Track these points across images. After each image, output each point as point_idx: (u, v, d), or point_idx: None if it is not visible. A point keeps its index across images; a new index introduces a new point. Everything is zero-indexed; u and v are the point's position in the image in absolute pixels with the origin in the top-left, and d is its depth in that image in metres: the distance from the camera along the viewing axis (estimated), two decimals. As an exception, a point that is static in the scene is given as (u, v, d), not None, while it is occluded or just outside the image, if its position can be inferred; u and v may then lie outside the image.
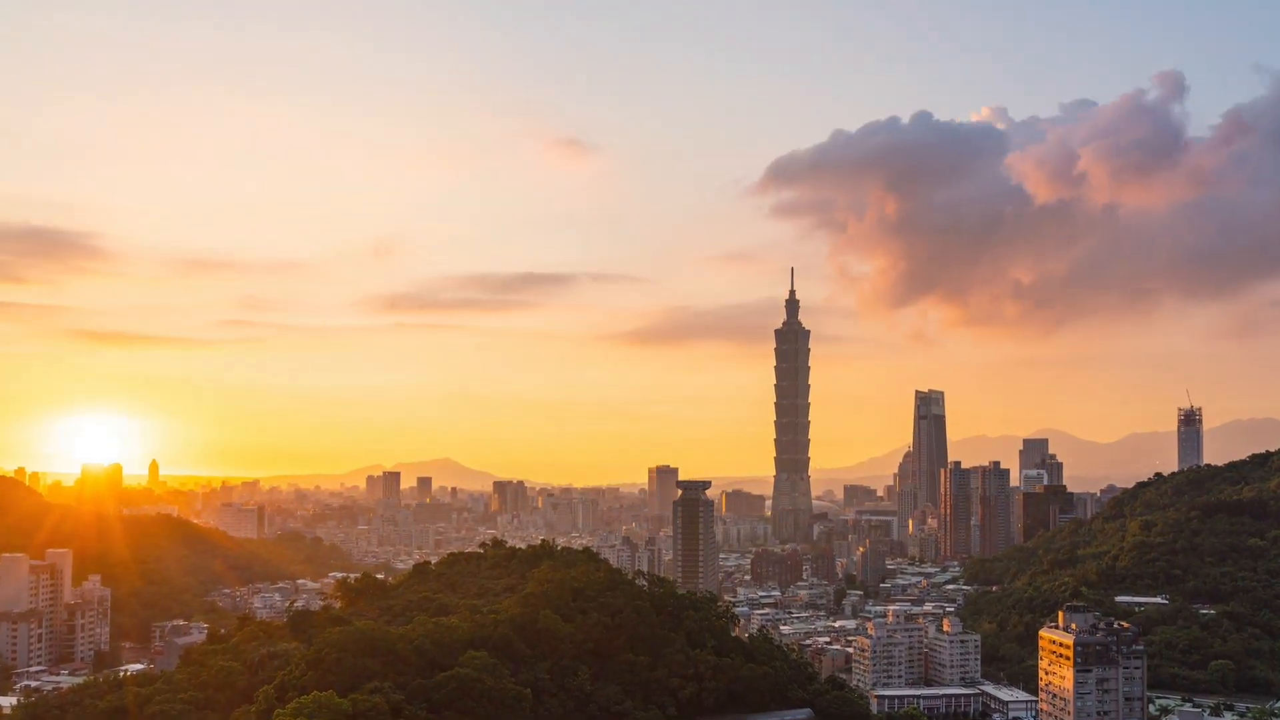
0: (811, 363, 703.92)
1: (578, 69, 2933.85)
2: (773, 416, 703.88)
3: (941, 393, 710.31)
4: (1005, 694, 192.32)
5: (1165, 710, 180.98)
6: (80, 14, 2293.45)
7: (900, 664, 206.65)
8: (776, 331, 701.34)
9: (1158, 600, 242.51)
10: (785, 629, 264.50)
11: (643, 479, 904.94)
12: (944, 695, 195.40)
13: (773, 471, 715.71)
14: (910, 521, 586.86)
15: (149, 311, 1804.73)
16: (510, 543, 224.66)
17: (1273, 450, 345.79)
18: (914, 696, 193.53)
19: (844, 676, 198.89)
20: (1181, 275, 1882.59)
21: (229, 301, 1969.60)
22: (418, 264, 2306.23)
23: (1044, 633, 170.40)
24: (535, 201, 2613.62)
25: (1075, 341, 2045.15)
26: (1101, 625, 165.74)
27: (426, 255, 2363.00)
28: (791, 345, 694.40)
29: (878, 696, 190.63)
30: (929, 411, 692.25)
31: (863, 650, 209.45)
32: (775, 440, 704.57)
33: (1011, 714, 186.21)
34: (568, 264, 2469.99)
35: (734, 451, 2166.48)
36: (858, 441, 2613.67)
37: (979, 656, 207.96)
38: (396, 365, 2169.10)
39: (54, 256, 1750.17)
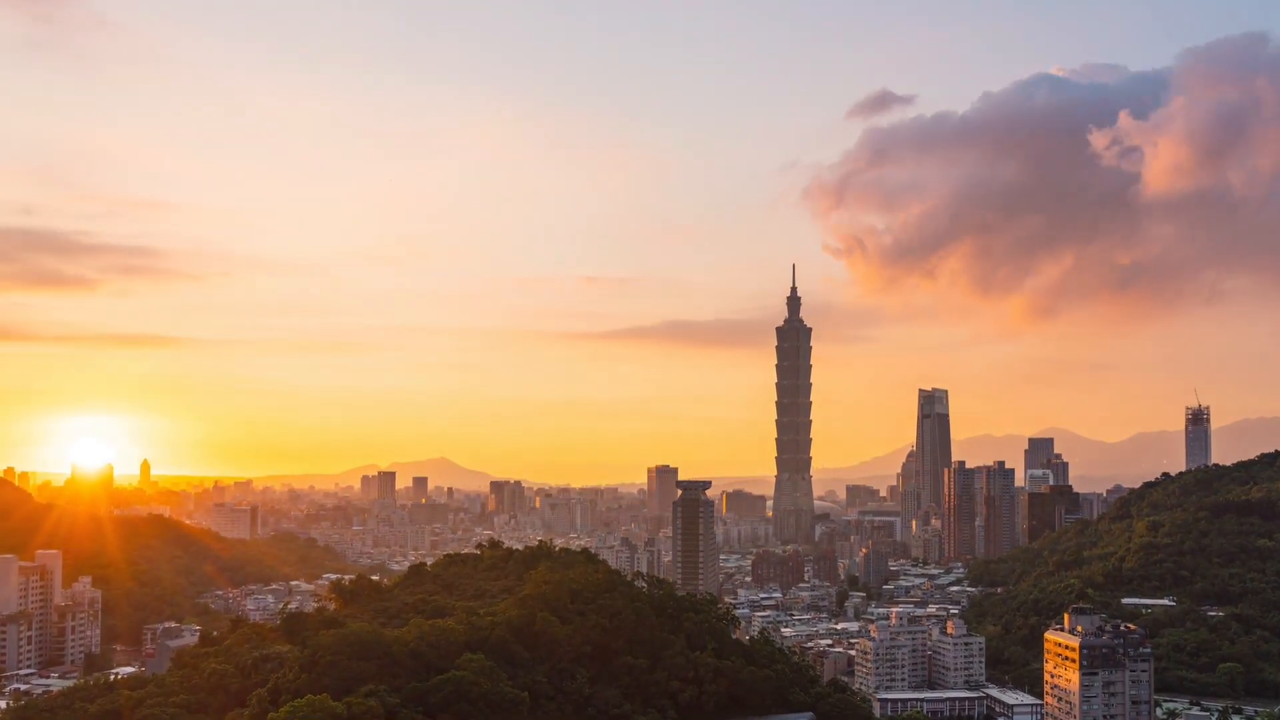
0: (813, 361, 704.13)
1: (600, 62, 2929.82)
2: (774, 415, 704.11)
3: (945, 391, 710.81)
4: (1010, 697, 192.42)
5: (1173, 714, 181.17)
6: (124, 18, 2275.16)
7: (903, 667, 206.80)
8: (778, 329, 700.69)
9: (1165, 602, 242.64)
10: (787, 631, 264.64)
11: (642, 479, 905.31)
12: (948, 699, 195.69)
13: (774, 471, 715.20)
14: (914, 522, 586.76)
15: (156, 313, 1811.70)
16: (507, 544, 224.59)
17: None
18: (917, 700, 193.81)
19: (846, 679, 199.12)
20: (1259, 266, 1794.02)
21: (244, 304, 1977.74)
22: (428, 267, 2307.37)
23: (1049, 635, 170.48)
24: (538, 201, 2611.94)
25: (1100, 337, 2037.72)
26: (1108, 627, 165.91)
27: (437, 258, 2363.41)
28: (793, 343, 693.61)
29: (880, 700, 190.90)
30: (932, 410, 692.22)
31: (865, 653, 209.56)
32: (776, 440, 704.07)
33: (1016, 718, 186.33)
34: (568, 264, 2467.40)
35: (735, 451, 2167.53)
36: (860, 441, 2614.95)
37: (983, 659, 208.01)
38: (394, 365, 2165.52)
39: (103, 257, 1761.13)
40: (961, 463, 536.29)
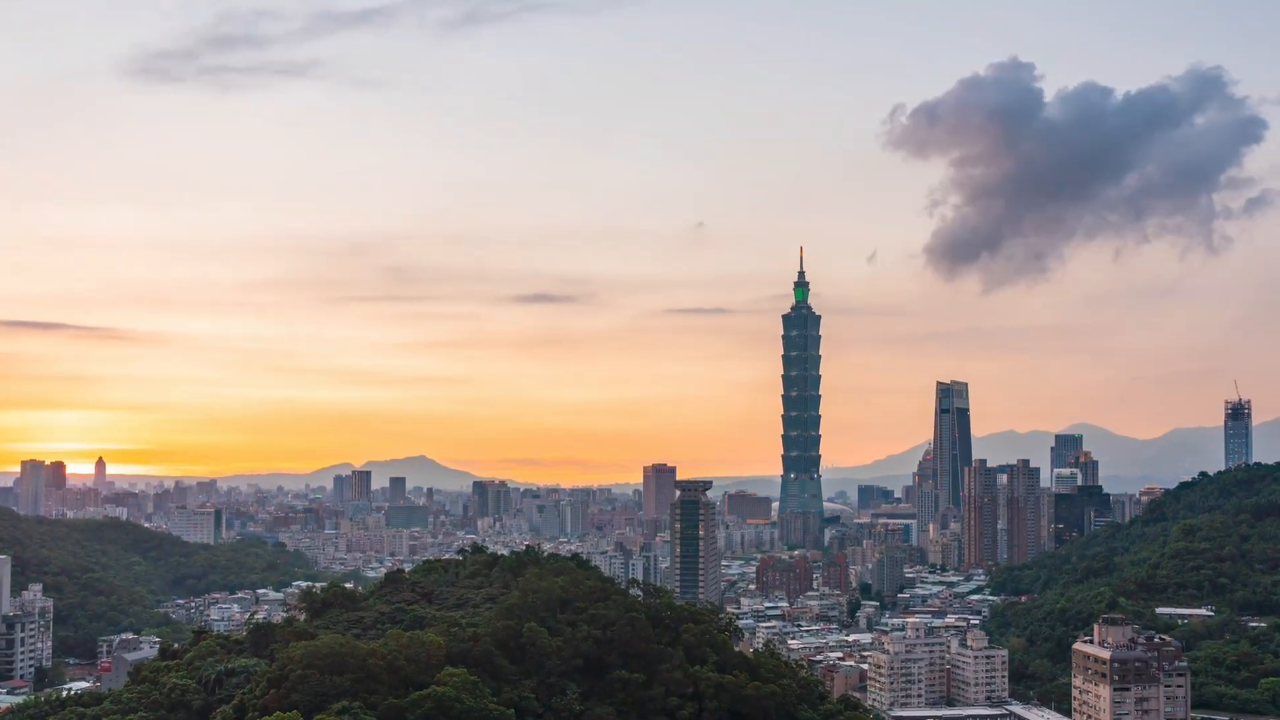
0: (823, 351, 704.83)
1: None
2: (780, 410, 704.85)
3: (965, 384, 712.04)
4: (1035, 715, 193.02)
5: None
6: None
7: (920, 682, 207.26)
8: (784, 317, 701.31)
9: (1202, 612, 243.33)
10: (793, 643, 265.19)
11: (637, 479, 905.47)
12: (968, 716, 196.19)
13: (780, 470, 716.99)
14: (931, 525, 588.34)
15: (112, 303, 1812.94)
16: (491, 549, 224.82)
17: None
18: (935, 717, 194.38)
19: (858, 696, 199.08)
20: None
21: (206, 291, 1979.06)
22: (412, 251, 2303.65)
23: (1078, 647, 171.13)
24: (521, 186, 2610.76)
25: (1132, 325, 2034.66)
26: (1141, 639, 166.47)
27: (422, 242, 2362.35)
28: (801, 331, 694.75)
29: (895, 718, 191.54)
30: (951, 405, 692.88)
31: (879, 667, 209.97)
32: (783, 436, 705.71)
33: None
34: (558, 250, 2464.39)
35: (737, 449, 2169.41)
36: (873, 438, 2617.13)
37: (1006, 674, 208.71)
38: (370, 357, 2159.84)
39: None
40: (983, 461, 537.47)
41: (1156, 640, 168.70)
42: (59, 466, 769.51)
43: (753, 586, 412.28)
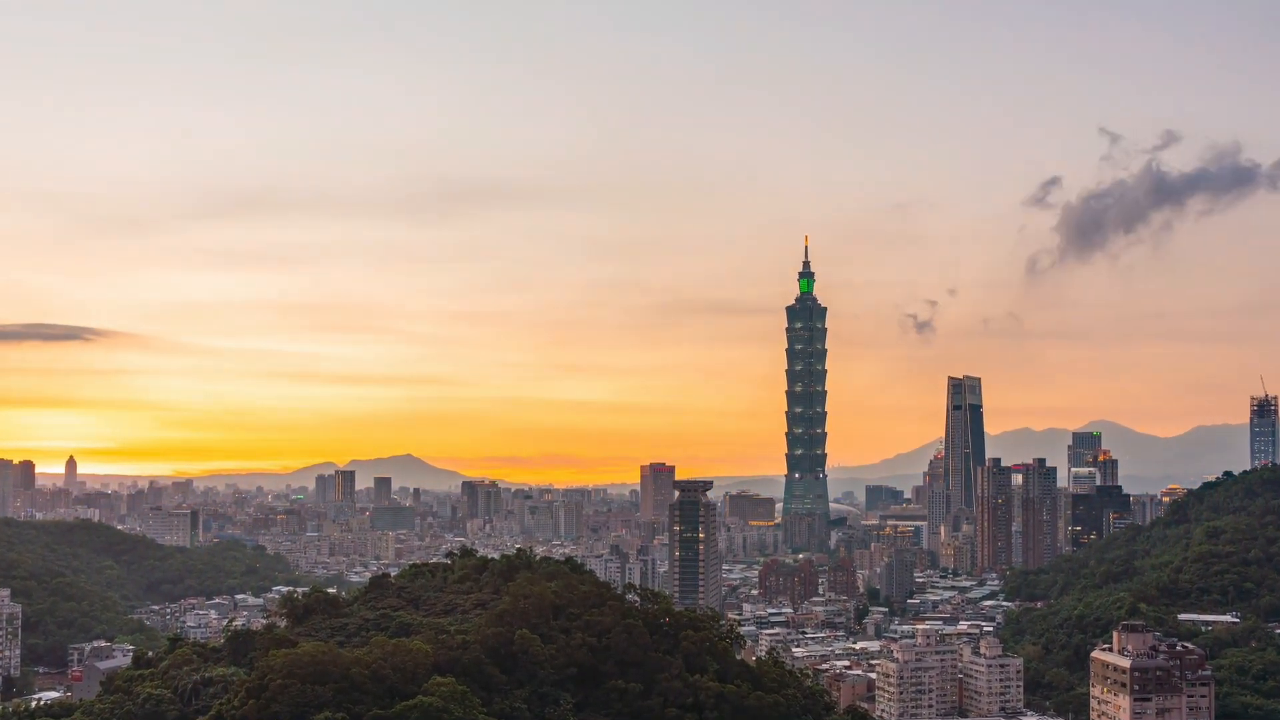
0: (829, 344, 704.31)
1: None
2: (783, 407, 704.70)
3: (978, 380, 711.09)
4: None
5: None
6: None
7: (930, 692, 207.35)
8: (788, 309, 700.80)
9: (1227, 618, 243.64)
10: (798, 651, 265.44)
11: (634, 478, 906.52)
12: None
13: (784, 470, 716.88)
14: (942, 528, 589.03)
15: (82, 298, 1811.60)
16: (481, 552, 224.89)
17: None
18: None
19: (866, 706, 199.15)
20: None
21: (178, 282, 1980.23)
22: (399, 238, 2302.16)
23: (1096, 656, 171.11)
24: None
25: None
26: (1162, 647, 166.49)
27: (411, 230, 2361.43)
28: (806, 324, 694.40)
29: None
30: (964, 401, 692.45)
31: (887, 676, 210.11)
32: (786, 434, 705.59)
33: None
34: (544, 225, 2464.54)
35: (739, 447, 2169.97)
36: (882, 436, 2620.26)
37: (1021, 683, 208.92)
38: (354, 351, 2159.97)
39: None
40: (996, 460, 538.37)
41: (1179, 648, 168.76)
42: (28, 465, 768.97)
43: (755, 591, 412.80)
